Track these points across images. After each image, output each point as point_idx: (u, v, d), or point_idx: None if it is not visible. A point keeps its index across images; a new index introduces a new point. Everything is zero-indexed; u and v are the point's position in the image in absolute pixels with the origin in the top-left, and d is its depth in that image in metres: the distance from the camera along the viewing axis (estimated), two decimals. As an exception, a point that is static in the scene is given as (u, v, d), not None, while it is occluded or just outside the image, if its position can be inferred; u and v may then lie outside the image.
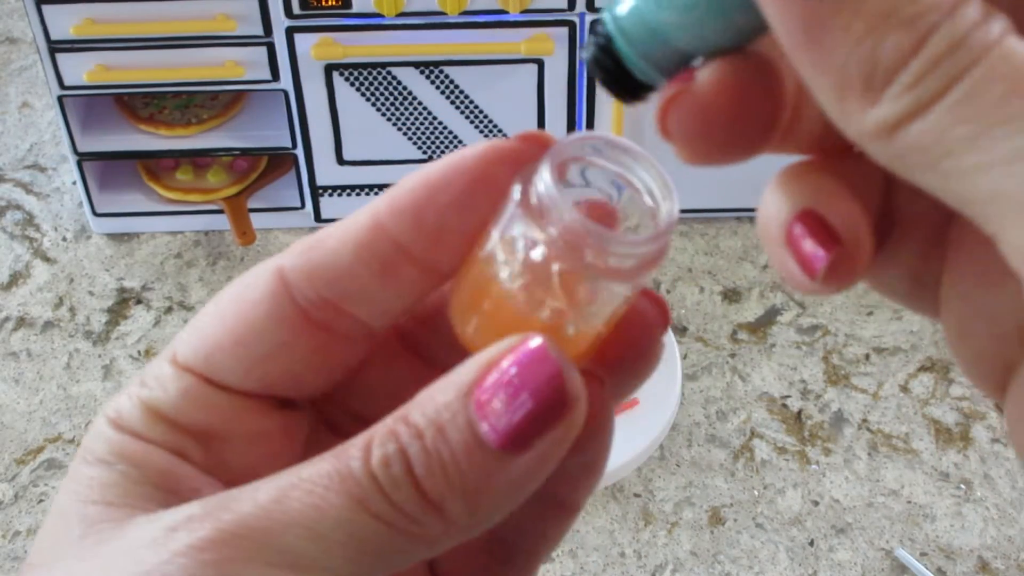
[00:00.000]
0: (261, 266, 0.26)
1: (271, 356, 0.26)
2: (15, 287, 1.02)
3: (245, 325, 0.25)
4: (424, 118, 1.00)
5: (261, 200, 1.05)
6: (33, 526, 0.86)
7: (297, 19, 0.93)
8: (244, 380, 0.26)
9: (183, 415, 0.26)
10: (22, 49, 1.26)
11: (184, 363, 0.26)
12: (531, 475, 0.22)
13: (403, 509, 0.22)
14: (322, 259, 0.25)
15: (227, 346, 0.25)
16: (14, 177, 1.12)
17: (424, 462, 0.22)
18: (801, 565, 0.84)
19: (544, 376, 0.22)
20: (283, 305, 0.25)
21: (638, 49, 0.22)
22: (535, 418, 0.22)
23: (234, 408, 0.26)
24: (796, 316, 0.99)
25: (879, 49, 0.18)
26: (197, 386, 0.26)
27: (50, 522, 0.25)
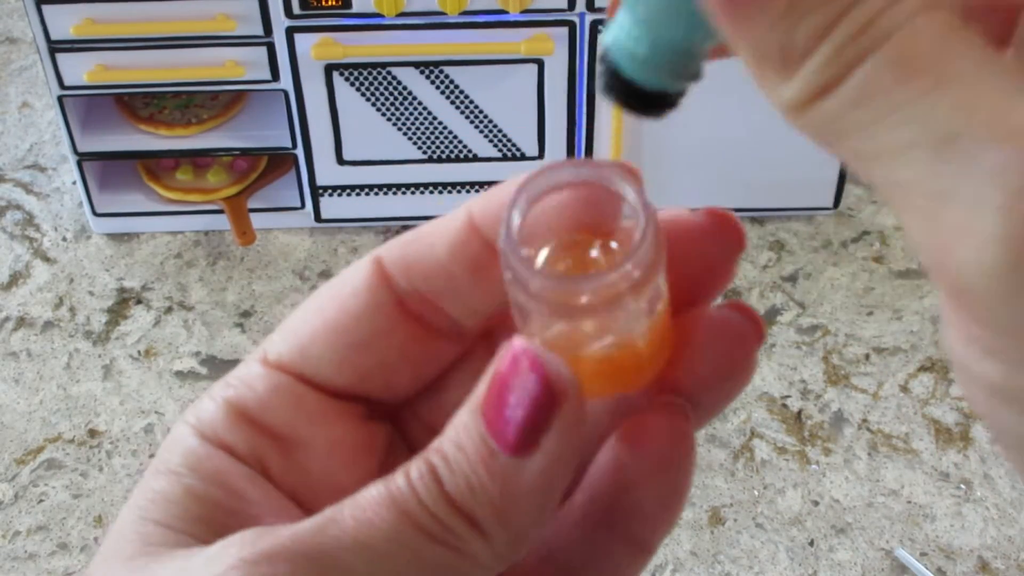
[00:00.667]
0: (357, 263, 0.26)
1: (367, 345, 0.26)
2: (15, 287, 1.02)
3: (343, 313, 0.26)
4: (424, 118, 1.00)
5: (261, 200, 1.05)
6: (33, 526, 0.86)
7: (297, 19, 0.93)
8: (338, 372, 0.26)
9: (269, 414, 0.26)
10: (22, 49, 1.26)
11: (276, 361, 0.26)
12: (550, 477, 0.23)
13: (447, 524, 0.23)
14: (419, 253, 0.26)
15: (323, 336, 0.26)
16: (14, 177, 1.12)
17: (452, 479, 0.23)
18: (801, 565, 0.84)
19: (528, 376, 0.23)
20: (381, 293, 0.26)
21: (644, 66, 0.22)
22: (531, 416, 0.23)
23: (322, 410, 0.26)
24: (796, 316, 0.99)
25: (795, 28, 0.18)
26: (288, 384, 0.26)
27: (111, 535, 0.25)
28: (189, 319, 0.99)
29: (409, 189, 1.04)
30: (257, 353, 0.27)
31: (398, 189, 1.04)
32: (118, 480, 0.89)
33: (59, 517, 0.87)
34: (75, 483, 0.88)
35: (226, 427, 0.25)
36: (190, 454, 0.25)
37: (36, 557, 0.84)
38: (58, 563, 0.84)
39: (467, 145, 1.02)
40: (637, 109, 0.23)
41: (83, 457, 0.90)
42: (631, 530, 0.26)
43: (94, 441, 0.91)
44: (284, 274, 1.03)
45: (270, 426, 0.26)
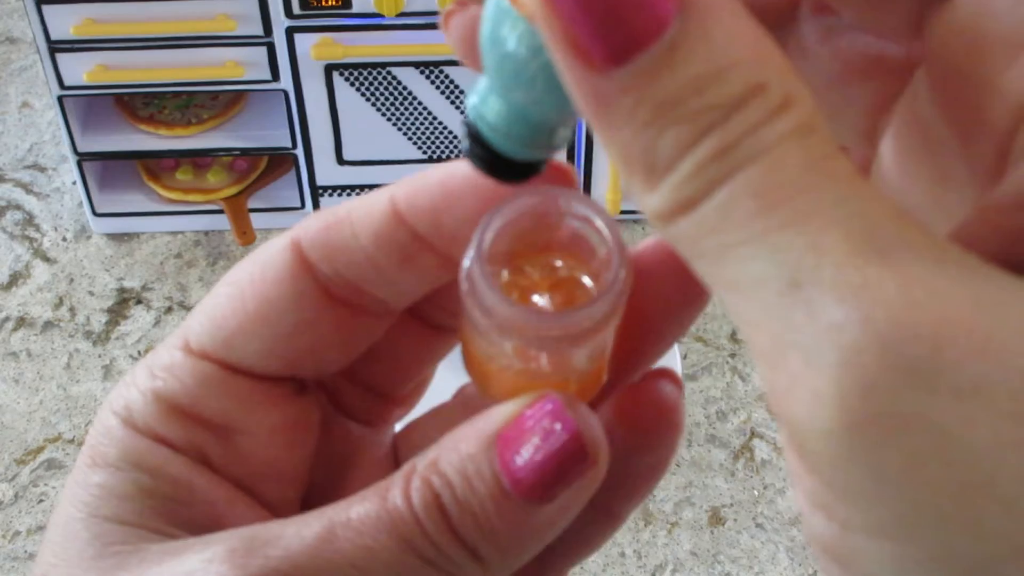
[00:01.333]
0: (272, 245, 0.26)
1: (295, 334, 0.25)
2: (15, 287, 1.02)
3: (267, 304, 0.25)
4: (424, 118, 1.00)
5: (261, 200, 1.05)
6: (33, 526, 0.86)
7: (297, 19, 0.93)
8: (267, 362, 0.25)
9: (202, 406, 0.25)
10: (22, 49, 1.26)
11: (200, 350, 0.26)
12: (558, 520, 0.23)
13: (446, 553, 0.22)
14: (342, 241, 0.25)
15: (248, 327, 0.25)
16: (14, 177, 1.12)
17: (458, 511, 0.22)
18: (801, 565, 0.84)
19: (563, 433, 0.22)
20: (304, 282, 0.25)
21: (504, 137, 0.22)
22: (557, 472, 0.22)
23: (254, 395, 0.26)
24: (796, 316, 0.99)
25: (659, 138, 0.17)
26: (216, 373, 0.25)
27: (57, 533, 0.24)
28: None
29: (409, 189, 1.04)
30: (177, 339, 0.26)
31: (398, 189, 1.04)
32: (118, 480, 0.89)
33: (59, 517, 0.87)
34: (75, 483, 0.88)
35: (159, 420, 0.25)
36: (128, 448, 0.25)
37: (36, 557, 0.84)
38: (58, 563, 0.84)
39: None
40: (498, 176, 0.22)
41: (83, 457, 0.90)
42: (606, 501, 0.26)
43: (94, 441, 0.91)
44: (284, 274, 1.03)
45: (204, 417, 0.25)
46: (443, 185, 0.25)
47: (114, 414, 0.25)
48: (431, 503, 0.22)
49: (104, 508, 0.24)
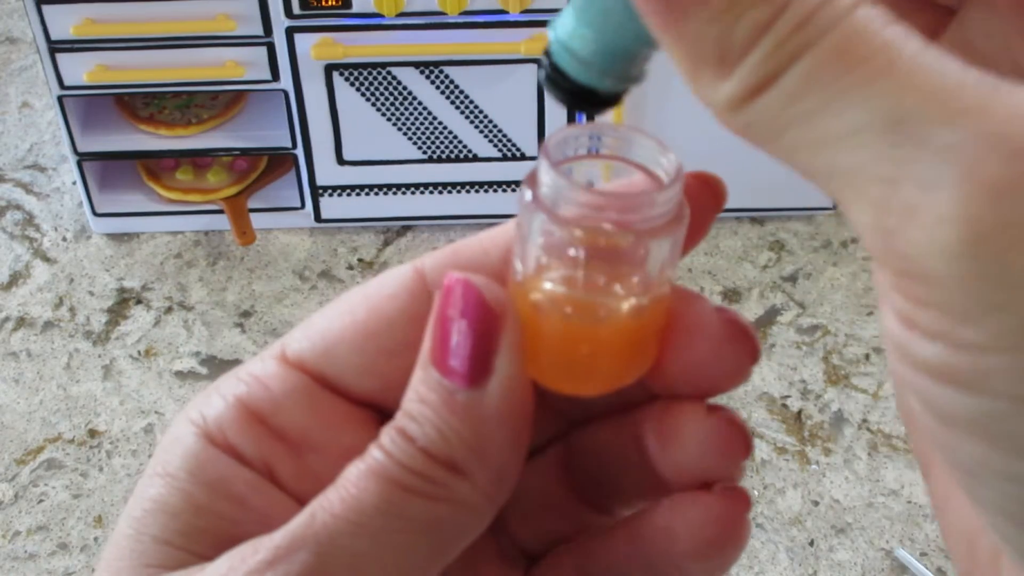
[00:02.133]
0: (398, 267, 0.26)
1: (398, 352, 0.25)
2: (15, 287, 1.02)
3: (377, 316, 0.25)
4: (424, 118, 1.00)
5: (261, 200, 1.05)
6: (33, 526, 0.86)
7: (297, 19, 0.93)
8: (362, 378, 0.25)
9: (282, 416, 0.25)
10: (22, 49, 1.26)
11: (296, 359, 0.25)
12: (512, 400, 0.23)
13: (427, 476, 0.23)
14: (470, 260, 0.25)
15: (352, 338, 0.25)
16: (14, 177, 1.12)
17: (420, 432, 0.23)
18: (801, 565, 0.84)
19: (465, 304, 0.23)
20: (420, 301, 0.25)
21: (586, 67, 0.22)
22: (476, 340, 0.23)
23: (339, 415, 0.25)
24: (796, 316, 0.99)
25: (734, 26, 0.18)
26: (305, 385, 0.25)
27: (109, 548, 0.24)
28: (189, 319, 0.99)
29: (409, 189, 1.04)
30: (274, 349, 0.26)
31: (398, 189, 1.04)
32: (118, 480, 0.89)
33: (59, 517, 0.87)
34: (75, 483, 0.88)
35: (234, 428, 0.25)
36: (191, 457, 0.24)
37: (36, 557, 0.84)
38: (58, 563, 0.84)
39: (467, 145, 1.02)
40: (577, 106, 0.23)
41: (83, 457, 0.90)
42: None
43: (94, 441, 0.91)
44: (284, 274, 1.03)
45: (282, 429, 0.25)
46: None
47: (189, 421, 0.25)
48: (399, 437, 0.23)
49: (152, 525, 0.24)
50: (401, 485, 0.22)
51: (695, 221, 0.25)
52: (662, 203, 0.23)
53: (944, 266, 0.17)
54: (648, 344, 0.25)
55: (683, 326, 0.24)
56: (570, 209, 0.22)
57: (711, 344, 0.24)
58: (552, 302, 0.23)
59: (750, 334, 0.24)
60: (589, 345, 0.24)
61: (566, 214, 0.22)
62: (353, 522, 0.22)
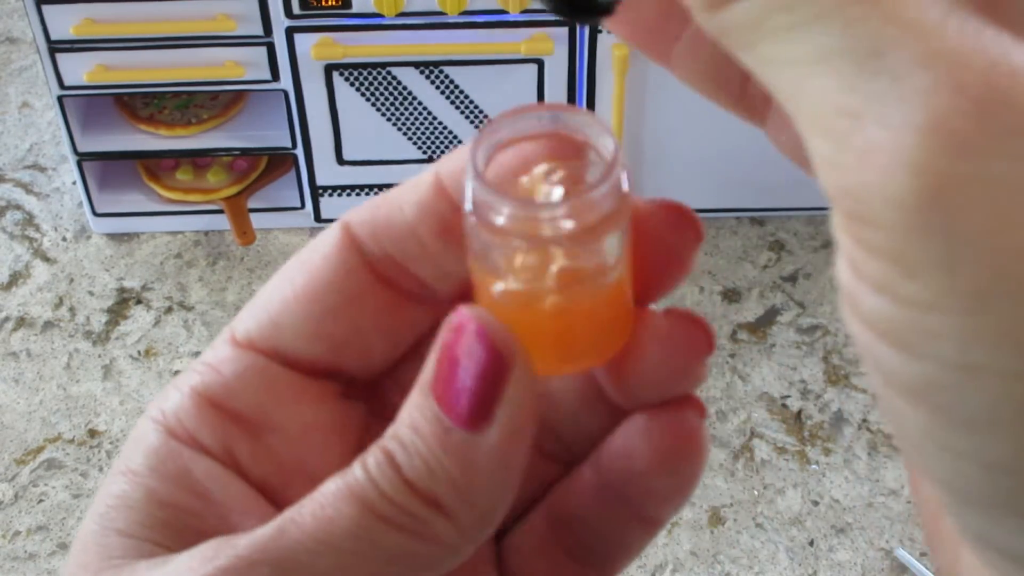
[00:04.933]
0: (327, 229, 0.26)
1: (341, 311, 0.25)
2: (15, 287, 1.02)
3: (315, 280, 0.25)
4: (424, 118, 1.00)
5: (261, 200, 1.05)
6: (33, 526, 0.86)
7: (297, 19, 0.93)
8: (312, 342, 0.25)
9: (238, 398, 0.25)
10: (22, 49, 1.26)
11: (245, 338, 0.25)
12: (507, 450, 0.23)
13: (407, 510, 0.22)
14: (387, 217, 0.25)
15: (295, 304, 0.25)
16: (14, 177, 1.12)
17: (409, 463, 0.22)
18: (801, 565, 0.84)
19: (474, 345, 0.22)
20: (351, 257, 0.25)
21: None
22: (481, 386, 0.22)
23: (294, 390, 0.25)
24: (796, 316, 0.99)
25: None
26: (257, 363, 0.25)
27: (76, 546, 0.24)
28: (189, 319, 0.99)
29: (409, 189, 1.04)
30: (224, 334, 0.26)
31: (398, 189, 1.04)
32: (118, 480, 0.89)
33: (59, 517, 0.87)
34: (75, 483, 0.88)
35: (192, 418, 0.25)
36: (152, 453, 0.24)
37: (36, 557, 0.84)
38: (58, 563, 0.84)
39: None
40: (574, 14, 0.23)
41: (83, 457, 0.90)
42: (643, 509, 0.26)
43: (94, 441, 0.91)
44: (284, 274, 1.03)
45: (238, 411, 0.25)
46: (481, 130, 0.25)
47: (150, 419, 0.25)
48: (385, 463, 0.22)
49: (116, 519, 0.24)
50: (377, 513, 0.22)
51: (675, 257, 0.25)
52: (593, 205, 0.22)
53: (895, 214, 0.16)
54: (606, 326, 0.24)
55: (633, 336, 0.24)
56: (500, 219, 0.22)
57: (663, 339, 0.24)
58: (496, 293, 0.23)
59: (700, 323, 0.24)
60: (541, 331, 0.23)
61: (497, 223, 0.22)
62: (321, 542, 0.22)
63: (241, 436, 0.25)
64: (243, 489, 0.25)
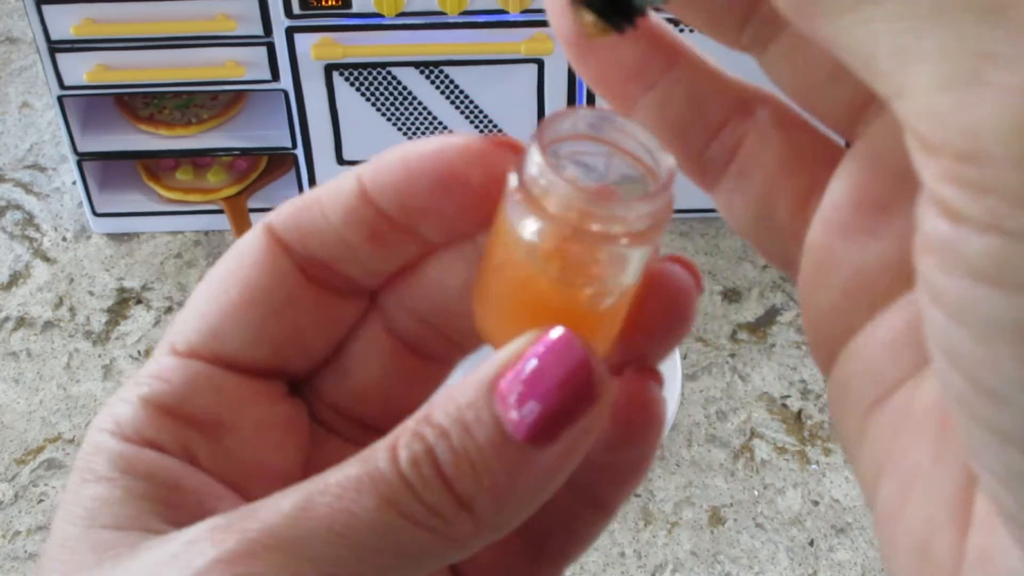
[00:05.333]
0: (245, 236, 0.26)
1: (278, 313, 0.26)
2: (15, 287, 1.02)
3: (248, 286, 0.25)
4: (424, 118, 1.00)
5: (261, 200, 1.05)
6: (33, 526, 0.86)
7: (297, 19, 0.93)
8: (254, 349, 0.26)
9: (189, 404, 0.25)
10: (22, 49, 1.26)
11: (187, 349, 0.26)
12: (558, 468, 0.22)
13: (435, 509, 0.22)
14: (313, 222, 0.26)
15: (232, 313, 0.25)
16: (14, 177, 1.12)
17: (453, 461, 0.22)
18: (801, 565, 0.84)
19: (569, 366, 0.22)
20: (281, 261, 0.26)
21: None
22: (561, 409, 0.22)
23: (242, 392, 0.26)
24: (796, 316, 0.99)
25: None
26: (204, 370, 0.25)
27: (55, 549, 0.24)
28: (189, 319, 0.99)
29: (409, 189, 1.04)
30: (162, 348, 0.26)
31: (398, 189, 1.04)
32: (118, 480, 0.89)
33: (59, 517, 0.87)
34: (75, 483, 0.88)
35: (147, 424, 0.25)
36: (117, 458, 0.24)
37: (36, 557, 0.84)
38: (58, 563, 0.84)
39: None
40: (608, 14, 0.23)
41: (83, 457, 0.90)
42: (594, 492, 0.26)
43: (94, 441, 0.91)
44: (284, 274, 1.03)
45: (192, 416, 0.25)
46: (404, 162, 0.25)
47: (101, 430, 0.25)
48: (423, 457, 0.22)
49: (101, 517, 0.24)
50: (402, 511, 0.22)
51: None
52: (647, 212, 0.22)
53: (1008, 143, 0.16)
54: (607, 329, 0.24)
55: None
56: (552, 202, 0.22)
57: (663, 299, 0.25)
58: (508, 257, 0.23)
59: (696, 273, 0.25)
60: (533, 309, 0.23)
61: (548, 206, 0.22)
62: (340, 534, 0.22)
63: (198, 438, 0.25)
64: (210, 481, 0.25)
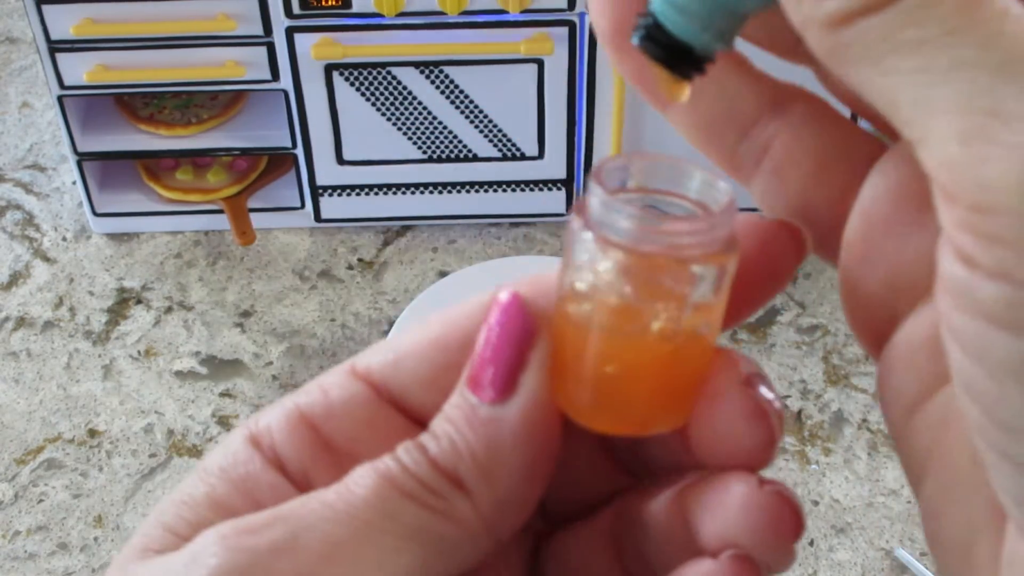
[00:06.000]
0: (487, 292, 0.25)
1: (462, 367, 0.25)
2: (15, 287, 1.02)
3: (450, 331, 0.25)
4: (424, 118, 1.00)
5: (261, 200, 1.05)
6: (33, 526, 0.86)
7: (297, 19, 0.93)
8: (426, 392, 0.25)
9: (334, 424, 0.25)
10: (22, 49, 1.26)
11: (364, 371, 0.25)
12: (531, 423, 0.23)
13: (430, 486, 0.22)
14: None
15: (421, 351, 0.25)
16: (14, 177, 1.12)
17: (435, 444, 0.23)
18: (801, 565, 0.84)
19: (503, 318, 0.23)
20: None
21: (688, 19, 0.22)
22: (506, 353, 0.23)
23: (393, 430, 0.25)
24: (796, 316, 0.99)
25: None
26: (365, 395, 0.25)
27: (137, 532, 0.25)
28: (189, 319, 0.99)
29: (409, 189, 1.04)
30: (346, 364, 0.26)
31: (398, 189, 1.04)
32: (118, 480, 0.89)
33: (59, 517, 0.87)
34: (75, 483, 0.88)
35: (283, 432, 0.25)
36: (229, 455, 0.25)
37: (36, 557, 0.84)
38: (58, 563, 0.84)
39: (467, 145, 1.02)
40: (671, 63, 0.23)
41: (83, 457, 0.90)
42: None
43: (94, 441, 0.91)
44: (284, 274, 1.03)
45: (330, 437, 0.25)
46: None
47: (244, 425, 0.25)
48: (414, 447, 0.23)
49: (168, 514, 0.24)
50: (399, 487, 0.22)
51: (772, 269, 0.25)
52: (708, 230, 0.23)
53: (1016, 198, 0.17)
54: (682, 388, 0.24)
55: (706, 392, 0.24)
56: (616, 233, 0.22)
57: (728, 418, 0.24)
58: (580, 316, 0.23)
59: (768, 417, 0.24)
60: (615, 365, 0.23)
61: (611, 237, 0.22)
62: (339, 510, 0.22)
63: (325, 462, 0.25)
64: None
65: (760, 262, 0.25)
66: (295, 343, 0.97)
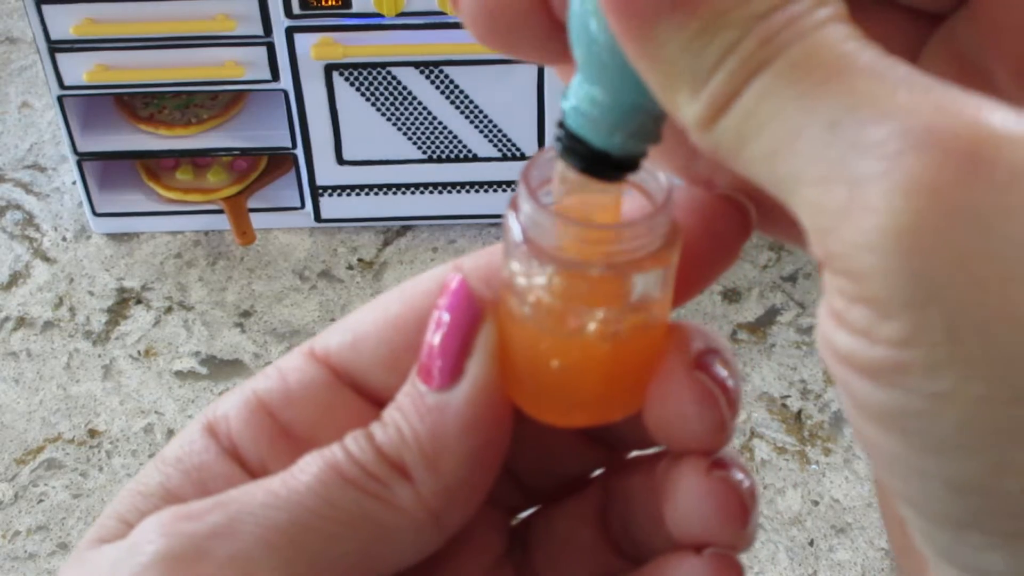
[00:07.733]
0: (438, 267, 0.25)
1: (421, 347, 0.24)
2: (15, 287, 1.02)
3: (409, 311, 0.25)
4: (424, 118, 1.00)
5: (261, 200, 1.05)
6: (33, 526, 0.86)
7: (297, 19, 0.93)
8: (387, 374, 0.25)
9: (293, 410, 0.25)
10: (22, 49, 1.26)
11: (323, 354, 0.25)
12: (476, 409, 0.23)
13: (370, 471, 0.22)
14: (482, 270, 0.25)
15: (380, 332, 0.25)
16: (14, 177, 1.12)
17: (382, 431, 0.23)
18: (801, 565, 0.84)
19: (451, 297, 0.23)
20: None
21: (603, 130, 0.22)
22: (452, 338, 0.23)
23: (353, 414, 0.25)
24: (796, 316, 0.99)
25: (705, 48, 0.18)
26: (325, 379, 0.25)
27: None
28: (189, 319, 0.99)
29: (409, 189, 1.04)
30: (303, 347, 0.25)
31: (398, 189, 1.04)
32: (118, 480, 0.89)
33: (59, 517, 0.87)
34: (75, 483, 0.88)
35: (241, 421, 0.24)
36: (185, 444, 0.25)
37: (36, 557, 0.84)
38: (58, 563, 0.84)
39: (467, 145, 1.02)
40: (593, 171, 0.22)
41: (83, 457, 0.90)
42: None
43: (94, 441, 0.91)
44: (284, 274, 1.03)
45: (289, 423, 0.25)
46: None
47: (203, 414, 0.25)
48: (361, 435, 0.23)
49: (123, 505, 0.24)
50: (341, 473, 0.22)
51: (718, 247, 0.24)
52: (647, 233, 0.22)
53: (870, 260, 0.17)
54: (631, 378, 0.24)
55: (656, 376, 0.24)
56: (546, 239, 0.22)
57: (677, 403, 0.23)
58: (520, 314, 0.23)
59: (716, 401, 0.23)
60: (559, 360, 0.23)
61: (542, 243, 0.22)
62: (280, 496, 0.22)
63: (281, 451, 0.24)
64: None
65: (706, 241, 0.24)
66: (295, 343, 0.97)
